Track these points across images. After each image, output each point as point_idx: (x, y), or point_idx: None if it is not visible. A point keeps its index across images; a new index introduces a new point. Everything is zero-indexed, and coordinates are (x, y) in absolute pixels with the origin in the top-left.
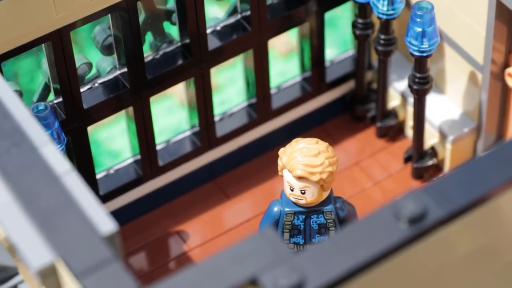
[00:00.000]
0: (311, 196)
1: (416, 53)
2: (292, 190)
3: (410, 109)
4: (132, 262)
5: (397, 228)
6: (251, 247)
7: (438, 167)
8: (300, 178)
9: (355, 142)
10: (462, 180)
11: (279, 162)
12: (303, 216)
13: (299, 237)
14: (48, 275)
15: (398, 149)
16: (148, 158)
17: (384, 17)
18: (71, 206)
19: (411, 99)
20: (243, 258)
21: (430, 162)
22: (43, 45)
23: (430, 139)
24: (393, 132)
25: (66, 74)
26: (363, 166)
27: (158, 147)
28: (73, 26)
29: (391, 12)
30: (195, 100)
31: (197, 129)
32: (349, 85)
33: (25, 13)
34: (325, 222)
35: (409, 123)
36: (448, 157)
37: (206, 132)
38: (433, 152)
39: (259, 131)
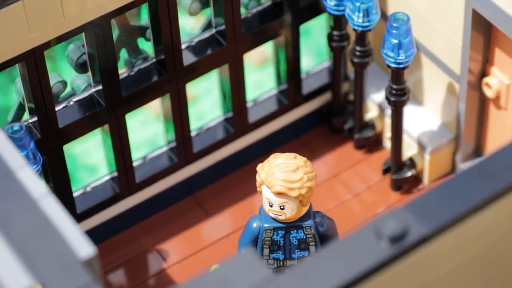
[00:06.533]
0: (290, 212)
1: (393, 65)
2: (271, 206)
3: (388, 120)
4: (111, 280)
5: (379, 248)
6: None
7: (417, 178)
8: (279, 194)
9: (333, 154)
10: (443, 197)
11: (257, 178)
12: (283, 232)
13: (279, 253)
14: None
15: (376, 161)
16: (125, 175)
17: (360, 29)
18: (49, 231)
19: (388, 110)
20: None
21: (409, 174)
22: (16, 65)
23: (409, 150)
24: (370, 144)
25: (40, 93)
26: (342, 178)
27: (135, 164)
28: (46, 45)
29: (367, 24)
30: (171, 115)
31: (173, 144)
32: (326, 97)
33: None
34: (305, 237)
35: (387, 134)
36: (426, 168)
37: (183, 147)
38: (411, 163)
39: (236, 145)
